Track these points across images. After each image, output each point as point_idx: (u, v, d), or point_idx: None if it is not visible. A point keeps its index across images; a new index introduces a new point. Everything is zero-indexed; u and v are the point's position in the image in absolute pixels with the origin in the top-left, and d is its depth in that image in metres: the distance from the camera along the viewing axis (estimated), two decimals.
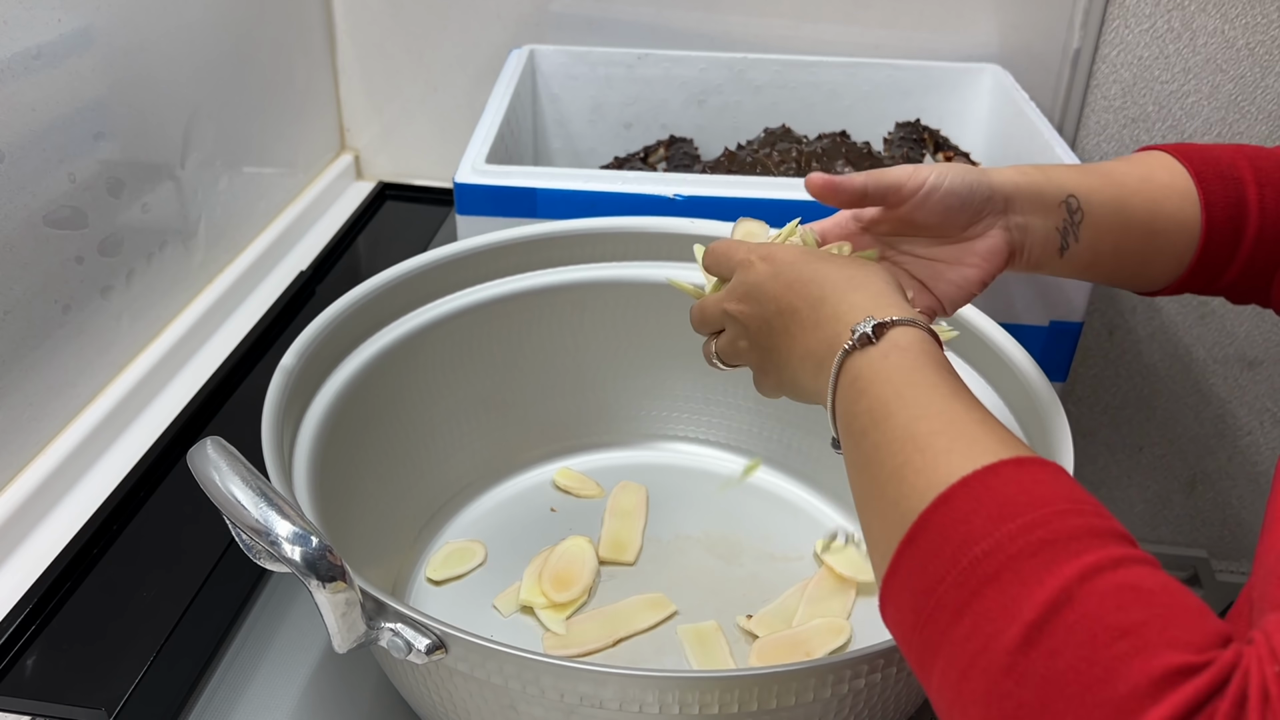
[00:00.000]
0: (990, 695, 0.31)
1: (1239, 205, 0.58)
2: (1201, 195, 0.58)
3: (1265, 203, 0.58)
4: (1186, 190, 0.58)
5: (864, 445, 0.41)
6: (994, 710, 0.31)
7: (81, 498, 0.76)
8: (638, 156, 1.06)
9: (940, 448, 0.38)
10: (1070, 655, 0.30)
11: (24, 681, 0.62)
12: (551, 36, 1.14)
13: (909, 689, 0.53)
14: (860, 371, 0.43)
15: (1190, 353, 1.21)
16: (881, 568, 0.38)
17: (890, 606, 0.37)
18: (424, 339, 0.72)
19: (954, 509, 0.35)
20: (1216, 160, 0.59)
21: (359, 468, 0.67)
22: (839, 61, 1.07)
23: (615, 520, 0.76)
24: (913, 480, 0.37)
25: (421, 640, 0.46)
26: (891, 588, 0.37)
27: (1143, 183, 0.58)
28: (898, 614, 0.37)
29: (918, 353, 0.43)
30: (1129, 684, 0.29)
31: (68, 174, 0.76)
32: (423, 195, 1.21)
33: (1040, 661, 0.30)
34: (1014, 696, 0.31)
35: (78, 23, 0.75)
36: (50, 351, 0.76)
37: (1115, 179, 0.58)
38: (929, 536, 0.35)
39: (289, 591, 0.70)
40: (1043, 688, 0.30)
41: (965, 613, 0.33)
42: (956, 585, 0.33)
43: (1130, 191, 0.58)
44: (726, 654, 0.65)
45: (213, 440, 0.47)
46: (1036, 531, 0.33)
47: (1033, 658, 0.31)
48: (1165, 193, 0.58)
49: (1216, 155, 0.59)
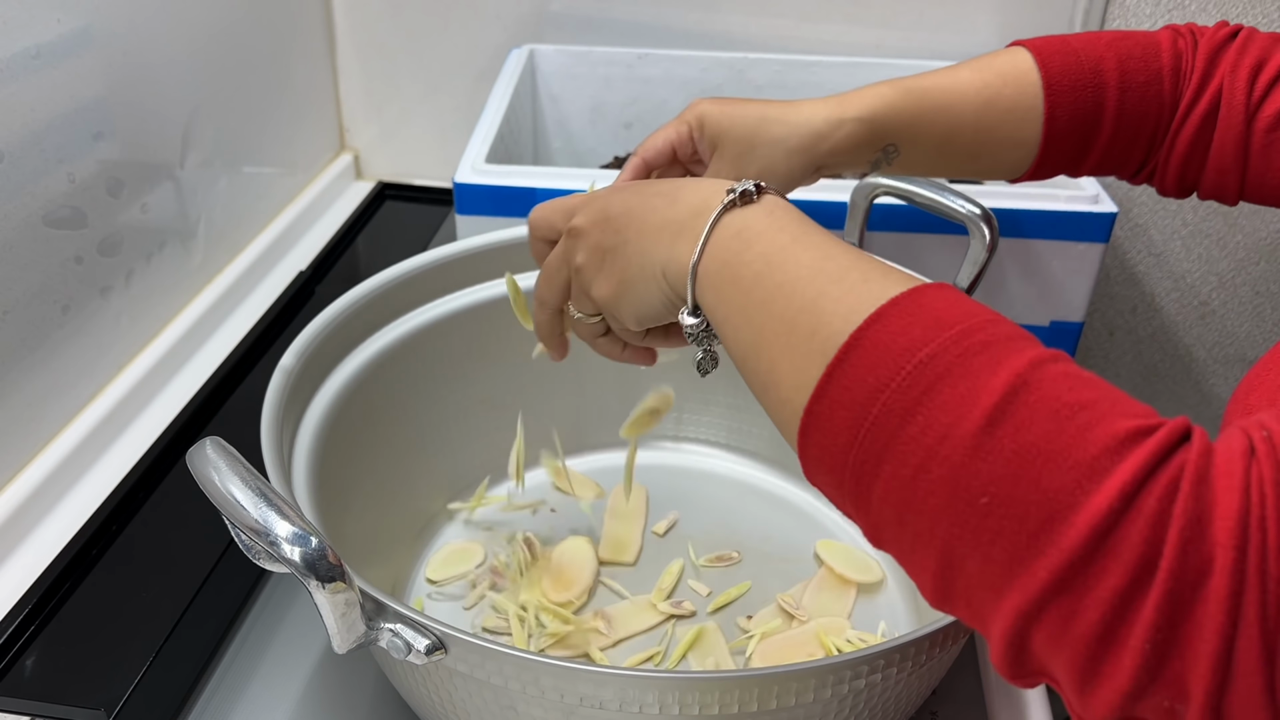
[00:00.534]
0: (956, 477, 0.32)
1: (1093, 111, 0.61)
2: (1047, 106, 0.61)
3: (1125, 108, 0.61)
4: (1032, 99, 0.61)
5: (759, 289, 0.41)
6: (960, 490, 0.32)
7: (81, 498, 0.76)
8: None
9: (856, 279, 0.38)
10: (1037, 429, 0.31)
11: (24, 681, 0.62)
12: (551, 36, 1.14)
13: (909, 689, 0.53)
14: (746, 224, 0.43)
15: (1190, 353, 1.21)
16: (797, 402, 0.37)
17: (815, 433, 0.37)
18: (424, 339, 0.72)
19: (888, 324, 0.35)
20: (1077, 64, 0.61)
21: (359, 468, 0.67)
22: (839, 61, 1.07)
23: (615, 520, 0.76)
24: (832, 308, 0.37)
25: (421, 641, 0.46)
26: (817, 413, 0.36)
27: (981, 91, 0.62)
28: (826, 438, 0.36)
29: (799, 213, 0.43)
30: (1097, 445, 0.30)
31: (67, 174, 0.76)
32: (422, 195, 1.21)
33: (1008, 437, 0.31)
34: (983, 473, 0.31)
35: (77, 22, 0.75)
36: (50, 352, 0.76)
37: (950, 93, 0.62)
38: (864, 351, 0.35)
39: (289, 591, 0.70)
40: (1013, 460, 0.31)
41: (917, 411, 0.33)
42: (902, 389, 0.34)
43: (963, 106, 0.61)
44: (726, 654, 0.65)
45: (212, 440, 0.47)
46: (976, 335, 0.34)
47: (999, 435, 0.32)
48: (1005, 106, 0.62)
49: (1080, 59, 0.62)
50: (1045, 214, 0.83)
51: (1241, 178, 0.62)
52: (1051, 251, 0.84)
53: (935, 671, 0.56)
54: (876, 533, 0.36)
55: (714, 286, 0.43)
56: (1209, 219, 1.13)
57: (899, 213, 0.81)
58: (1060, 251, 0.84)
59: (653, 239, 0.46)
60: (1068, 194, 0.84)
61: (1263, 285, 1.16)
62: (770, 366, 0.40)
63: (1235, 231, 1.13)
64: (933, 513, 0.33)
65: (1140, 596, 0.29)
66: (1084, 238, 0.83)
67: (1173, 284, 1.17)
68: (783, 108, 0.63)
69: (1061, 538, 0.30)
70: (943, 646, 0.50)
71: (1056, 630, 0.31)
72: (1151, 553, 0.29)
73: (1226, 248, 1.14)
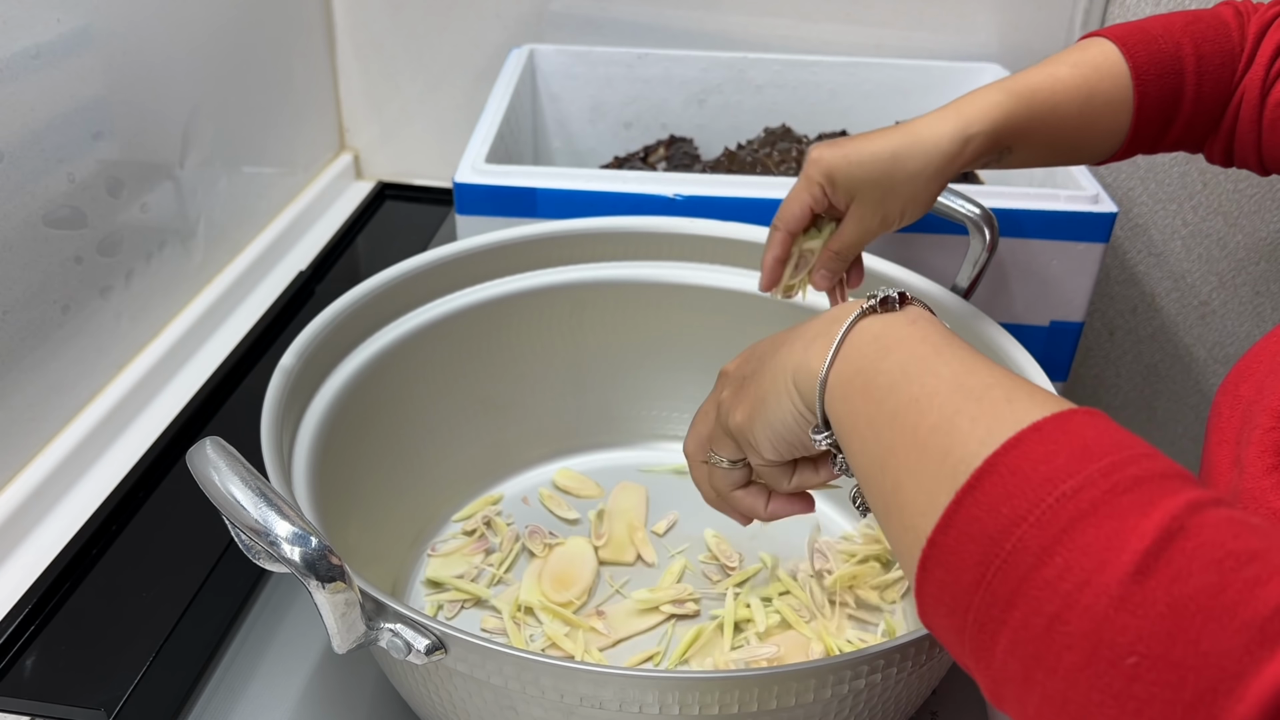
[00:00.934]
0: (1098, 632, 0.28)
1: (1174, 96, 0.63)
2: (1136, 95, 0.63)
3: (1202, 90, 0.63)
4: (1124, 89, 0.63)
5: (891, 400, 0.38)
6: (1103, 647, 0.28)
7: (81, 498, 0.76)
8: (638, 156, 1.06)
9: (999, 397, 0.35)
10: (1196, 581, 0.27)
11: (24, 681, 0.62)
12: (551, 36, 1.14)
13: (909, 689, 0.53)
14: (885, 331, 0.41)
15: (1190, 353, 1.21)
16: (922, 529, 0.34)
17: (937, 569, 0.33)
18: (424, 339, 0.72)
19: (1029, 451, 0.32)
20: (1160, 52, 0.63)
21: (359, 468, 0.67)
22: (839, 61, 1.07)
23: (615, 520, 0.76)
24: (969, 428, 0.34)
25: (421, 641, 0.46)
26: (942, 545, 0.33)
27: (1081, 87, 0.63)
28: (949, 574, 0.32)
29: (942, 325, 0.41)
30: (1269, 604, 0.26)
31: (67, 174, 0.76)
32: (422, 195, 1.21)
33: (1161, 589, 0.27)
34: (1130, 629, 0.27)
35: (77, 22, 0.75)
36: (50, 352, 0.76)
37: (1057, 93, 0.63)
38: (1000, 478, 0.32)
39: (289, 591, 0.70)
40: (1168, 615, 0.27)
41: (1055, 551, 0.29)
42: (1042, 523, 0.30)
43: (1068, 104, 0.63)
44: (726, 654, 0.65)
45: (212, 440, 0.47)
46: (1128, 469, 0.30)
47: (1151, 586, 0.28)
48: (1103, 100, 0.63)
49: (1161, 46, 0.63)
50: (1045, 214, 0.83)
51: (1258, 151, 0.64)
52: (1051, 251, 0.84)
53: (935, 671, 0.56)
54: (997, 689, 0.32)
55: (844, 397, 0.41)
56: (1209, 219, 1.13)
57: None
58: (1060, 251, 0.84)
59: (786, 350, 0.45)
60: (1068, 194, 0.84)
61: (1263, 285, 1.16)
62: (895, 487, 0.36)
63: (1235, 231, 1.13)
64: (1067, 672, 0.29)
65: None
66: (1084, 238, 0.83)
67: (1173, 284, 1.17)
68: (905, 137, 0.61)
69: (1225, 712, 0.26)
70: (943, 646, 0.50)
71: None
72: None
73: (1226, 248, 1.14)
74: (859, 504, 0.48)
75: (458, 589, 0.70)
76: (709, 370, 0.81)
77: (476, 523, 0.75)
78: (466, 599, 0.69)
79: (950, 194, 0.71)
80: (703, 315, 0.78)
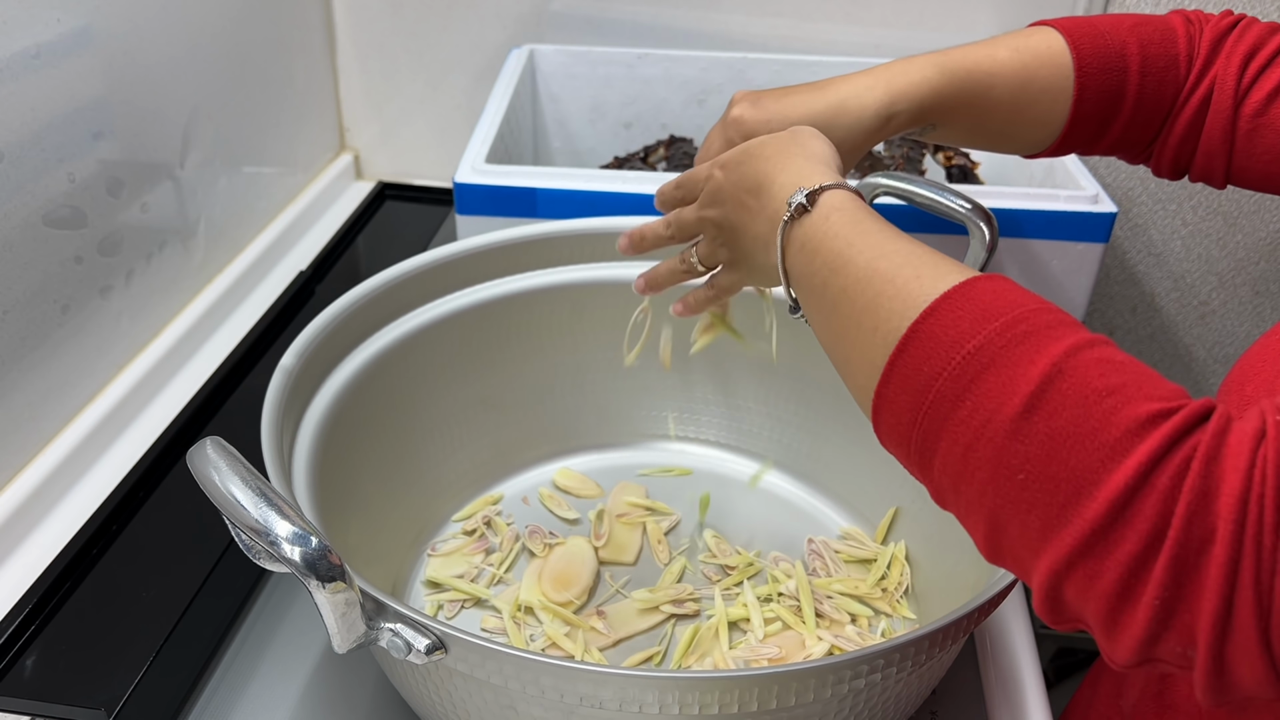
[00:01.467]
0: (998, 456, 0.37)
1: (1116, 93, 0.63)
2: (1076, 87, 0.63)
3: (1144, 92, 0.63)
4: (1064, 79, 0.63)
5: (827, 294, 0.46)
6: (1002, 467, 0.37)
7: (81, 498, 0.76)
8: (638, 156, 1.06)
9: (908, 276, 0.42)
10: (1067, 414, 0.35)
11: (24, 681, 0.62)
12: (551, 36, 1.14)
13: (909, 689, 0.53)
14: (806, 236, 0.48)
15: (1190, 353, 1.21)
16: (869, 386, 0.42)
17: (885, 413, 0.42)
18: (424, 339, 0.72)
19: (940, 318, 0.40)
20: (1105, 47, 0.63)
21: (359, 468, 0.67)
22: (839, 61, 1.07)
23: (615, 520, 0.76)
24: (889, 306, 0.42)
25: (421, 640, 0.46)
26: (885, 395, 0.41)
27: (1020, 73, 0.63)
28: (893, 417, 0.41)
29: (853, 208, 0.48)
30: (1119, 428, 0.34)
31: (67, 174, 0.76)
32: (422, 195, 1.21)
33: (1042, 422, 0.36)
34: (1020, 452, 0.36)
35: (77, 22, 0.75)
36: (50, 351, 0.76)
37: (992, 75, 0.63)
38: (920, 342, 0.40)
39: (289, 591, 0.70)
40: (1046, 442, 0.35)
41: (966, 396, 0.38)
42: (954, 376, 0.38)
43: (1002, 87, 0.63)
44: (726, 654, 0.65)
45: (212, 440, 0.47)
46: (1019, 326, 0.38)
47: (1035, 420, 0.36)
48: (1040, 87, 0.63)
49: (1107, 41, 0.63)
50: (1045, 214, 0.83)
51: (1228, 161, 0.64)
52: (1051, 251, 0.84)
53: (935, 671, 0.56)
54: (939, 496, 0.41)
55: (799, 290, 0.50)
56: (1209, 219, 1.13)
57: (899, 213, 0.81)
58: (1060, 251, 0.84)
59: (754, 249, 0.54)
60: (1068, 194, 0.84)
61: (1263, 285, 1.16)
62: (846, 358, 0.45)
63: (1235, 231, 1.13)
64: (980, 485, 0.38)
65: (1151, 561, 0.34)
66: (1084, 238, 0.83)
67: (1172, 284, 1.17)
68: (830, 105, 0.61)
69: (1085, 510, 0.34)
70: (942, 646, 0.50)
71: (1083, 587, 0.35)
72: (1162, 524, 0.33)
73: (1226, 248, 1.14)
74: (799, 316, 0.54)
75: (458, 589, 0.70)
76: (709, 370, 0.81)
77: (476, 523, 0.75)
78: (466, 599, 0.69)
79: (950, 194, 0.71)
80: (702, 315, 0.78)
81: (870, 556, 0.72)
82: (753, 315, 0.69)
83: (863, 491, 0.76)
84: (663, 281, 0.64)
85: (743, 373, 0.80)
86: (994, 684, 0.64)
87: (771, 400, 0.80)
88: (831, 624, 0.67)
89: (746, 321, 0.69)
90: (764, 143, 0.55)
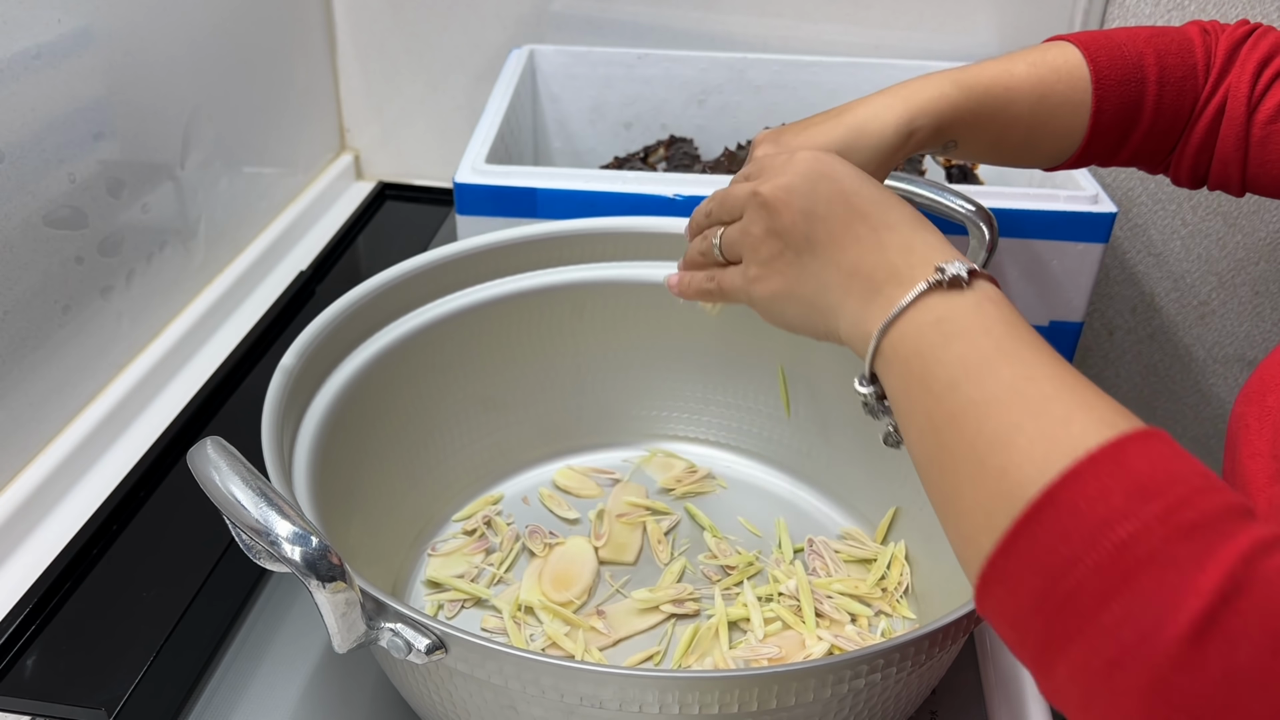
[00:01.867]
0: (1157, 688, 0.30)
1: (1134, 105, 0.63)
2: (1095, 100, 0.62)
3: (1162, 103, 0.63)
4: (1082, 93, 0.63)
5: (951, 399, 0.39)
6: (1160, 703, 0.30)
7: (81, 498, 0.76)
8: (638, 156, 1.07)
9: (1057, 415, 0.36)
10: (1249, 648, 0.29)
11: (24, 681, 0.62)
12: (551, 36, 1.14)
13: (909, 688, 0.53)
14: (950, 314, 0.40)
15: (1190, 352, 1.21)
16: (980, 542, 0.36)
17: (998, 587, 0.35)
18: (424, 339, 0.72)
19: (1086, 486, 0.33)
20: (1122, 59, 0.63)
21: (359, 468, 0.67)
22: (839, 61, 1.07)
23: (615, 520, 0.76)
24: (1027, 449, 0.35)
25: (421, 640, 0.46)
26: (1004, 566, 0.35)
27: (1037, 87, 0.63)
28: (1010, 595, 0.35)
29: (1010, 309, 0.41)
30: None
31: (67, 174, 0.76)
32: (423, 195, 1.21)
33: (1217, 656, 0.29)
34: (1187, 690, 0.30)
35: (78, 23, 0.75)
36: (50, 352, 0.76)
37: (1010, 90, 0.62)
38: (1058, 514, 0.33)
39: (289, 591, 0.70)
40: (1221, 684, 0.29)
41: (1114, 598, 0.31)
42: (1099, 569, 0.32)
43: (1020, 102, 0.62)
44: (726, 654, 0.65)
45: (213, 440, 0.47)
46: (1183, 513, 0.32)
47: (1208, 651, 0.29)
48: (1057, 101, 0.63)
49: (1124, 53, 0.63)
50: (1045, 214, 0.83)
51: (1243, 170, 0.64)
52: (1051, 251, 0.84)
53: (935, 671, 0.56)
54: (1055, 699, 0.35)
55: (901, 375, 0.42)
56: (1209, 219, 1.13)
57: None
58: (1060, 251, 0.84)
59: (842, 281, 0.45)
60: (1067, 194, 0.84)
61: (1262, 285, 1.16)
62: (954, 492, 0.38)
63: (1235, 231, 1.13)
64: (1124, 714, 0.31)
65: None
66: (1084, 238, 0.83)
67: (1172, 284, 1.17)
68: (850, 130, 0.60)
69: None
70: (942, 646, 0.50)
71: None
72: None
73: (1226, 248, 1.14)
74: (891, 443, 0.47)
75: (458, 589, 0.70)
76: (709, 370, 0.81)
77: (477, 522, 0.75)
78: (467, 599, 0.69)
79: (950, 194, 0.71)
80: (702, 315, 0.78)
81: (870, 556, 0.72)
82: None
83: (862, 491, 0.76)
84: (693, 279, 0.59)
85: (743, 373, 0.80)
86: (994, 684, 0.64)
87: (771, 400, 0.80)
88: (831, 624, 0.67)
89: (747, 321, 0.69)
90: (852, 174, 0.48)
